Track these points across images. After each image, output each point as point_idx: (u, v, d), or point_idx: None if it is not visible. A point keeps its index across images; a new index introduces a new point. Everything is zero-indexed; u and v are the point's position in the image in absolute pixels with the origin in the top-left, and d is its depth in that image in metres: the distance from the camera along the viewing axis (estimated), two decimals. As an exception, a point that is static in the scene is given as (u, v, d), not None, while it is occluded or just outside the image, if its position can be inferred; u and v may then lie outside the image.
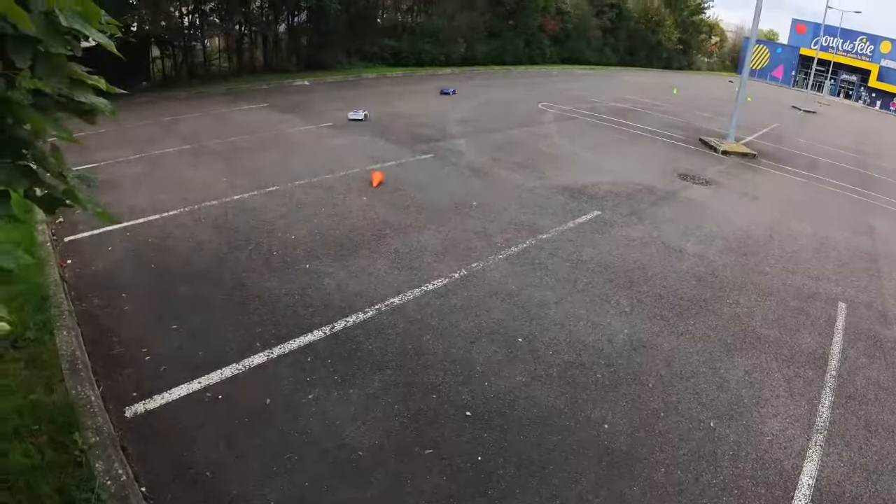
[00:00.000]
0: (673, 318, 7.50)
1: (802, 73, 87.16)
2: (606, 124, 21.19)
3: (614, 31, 58.08)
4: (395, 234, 8.57)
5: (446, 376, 5.54)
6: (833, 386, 6.77)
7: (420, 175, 11.60)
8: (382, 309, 6.51)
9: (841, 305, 8.98)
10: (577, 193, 11.82)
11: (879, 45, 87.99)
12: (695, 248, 10.04)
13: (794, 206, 14.53)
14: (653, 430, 5.35)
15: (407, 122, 16.33)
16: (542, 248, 8.83)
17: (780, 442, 5.58)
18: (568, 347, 6.36)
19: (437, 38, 32.89)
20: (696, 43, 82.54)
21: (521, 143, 15.80)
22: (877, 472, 5.49)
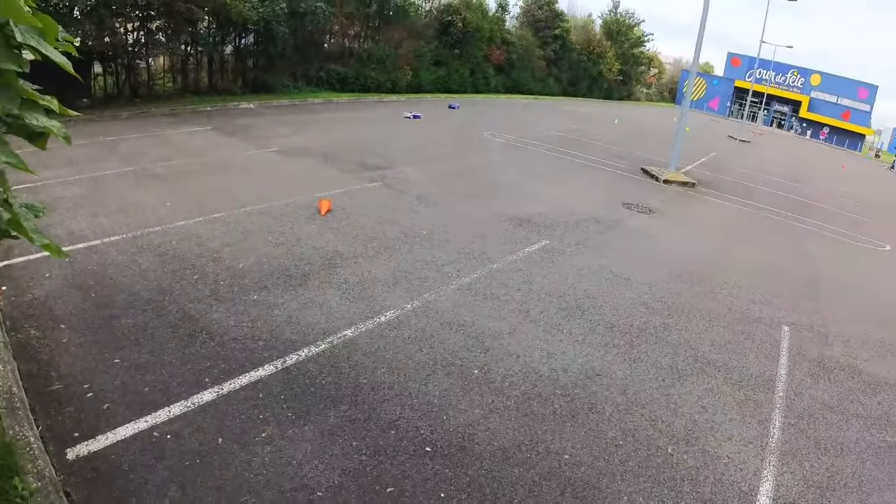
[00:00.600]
0: (625, 346, 7.59)
1: (737, 104, 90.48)
2: (551, 153, 21.48)
3: (557, 61, 59.11)
4: (345, 263, 8.43)
5: (403, 411, 5.43)
6: (782, 407, 7.00)
7: (368, 203, 11.49)
8: (335, 342, 6.37)
9: (784, 329, 9.34)
10: (525, 223, 11.90)
11: (810, 78, 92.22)
12: (642, 277, 10.21)
13: (734, 233, 14.95)
14: (612, 458, 5.38)
15: (354, 149, 16.20)
16: (493, 277, 8.82)
17: (736, 464, 5.72)
18: (524, 378, 6.34)
19: (384, 64, 32.97)
20: (635, 74, 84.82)
21: (469, 171, 15.89)
22: (829, 489, 5.69)
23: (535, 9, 57.16)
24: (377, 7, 32.58)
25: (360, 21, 33.02)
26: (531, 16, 56.78)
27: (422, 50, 36.61)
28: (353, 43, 33.56)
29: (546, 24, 57.04)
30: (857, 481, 5.92)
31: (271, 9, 23.11)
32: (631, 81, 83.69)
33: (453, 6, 40.36)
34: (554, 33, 57.59)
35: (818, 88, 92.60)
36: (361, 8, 31.87)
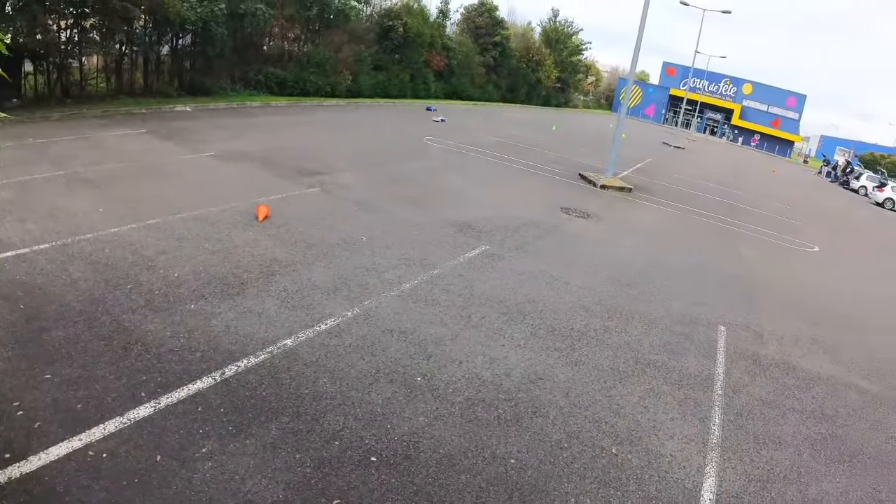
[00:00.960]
0: (566, 349, 7.67)
1: (672, 112, 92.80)
2: (490, 159, 21.62)
3: (497, 68, 59.58)
4: (284, 271, 8.29)
5: (347, 420, 5.35)
6: (721, 405, 7.21)
7: (307, 209, 11.34)
8: (275, 352, 6.24)
9: (721, 328, 9.63)
10: (465, 228, 11.93)
11: (742, 87, 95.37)
12: (581, 280, 10.34)
13: (670, 236, 15.29)
14: (558, 461, 5.42)
15: (292, 154, 15.99)
16: (434, 283, 8.81)
17: (679, 462, 5.85)
18: (467, 384, 6.33)
19: (324, 68, 32.65)
20: (573, 82, 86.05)
21: (408, 177, 15.85)
22: (770, 481, 5.90)
23: (476, 16, 57.55)
24: (318, 10, 32.30)
25: (300, 24, 32.67)
26: (472, 22, 57.14)
27: (362, 54, 36.42)
28: (292, 46, 33.19)
29: (486, 31, 57.48)
30: (796, 473, 6.19)
31: (210, 9, 22.66)
32: (569, 89, 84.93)
33: (394, 11, 40.33)
34: (494, 40, 58.07)
35: (750, 97, 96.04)
36: (302, 10, 31.53)
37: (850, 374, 9.24)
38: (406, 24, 39.55)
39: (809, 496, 5.87)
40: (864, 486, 6.32)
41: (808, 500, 5.80)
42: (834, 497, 5.99)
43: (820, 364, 9.29)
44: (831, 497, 5.98)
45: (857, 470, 6.63)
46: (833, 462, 6.63)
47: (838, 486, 6.19)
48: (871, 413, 8.16)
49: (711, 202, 23.63)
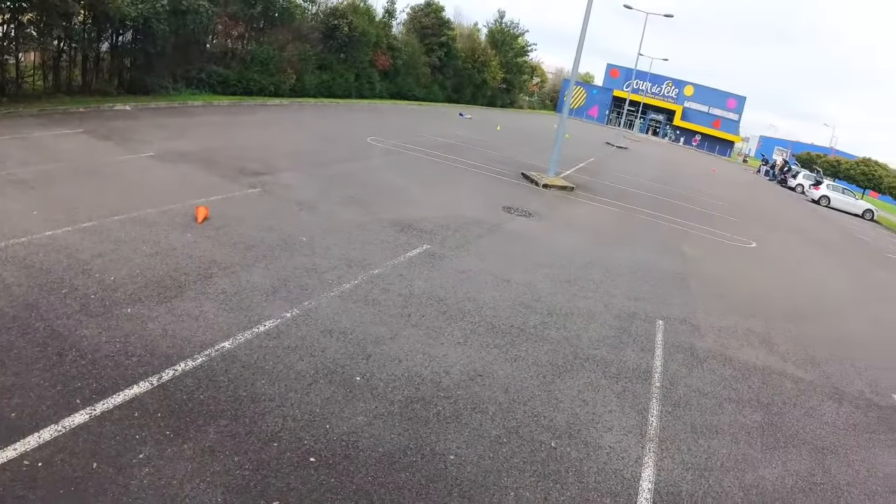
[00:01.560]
0: (506, 345, 7.80)
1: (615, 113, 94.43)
2: (434, 159, 21.69)
3: (443, 68, 59.68)
4: (223, 273, 8.22)
5: (285, 422, 5.35)
6: (659, 396, 7.45)
7: (247, 210, 11.23)
8: (213, 354, 6.19)
9: (659, 322, 9.94)
10: (407, 227, 11.99)
11: (683, 89, 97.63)
12: (521, 278, 10.50)
13: (611, 234, 15.61)
14: (497, 456, 5.51)
15: (234, 155, 15.77)
16: (374, 283, 8.84)
17: (617, 453, 6.02)
18: (407, 382, 6.39)
19: (267, 67, 32.20)
20: (518, 83, 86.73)
21: (350, 177, 15.80)
22: (707, 469, 6.13)
23: (423, 16, 57.53)
24: (262, 8, 31.84)
25: (244, 22, 32.13)
26: (418, 23, 57.08)
27: (307, 53, 36.03)
28: (236, 44, 32.59)
29: (432, 32, 57.54)
30: (733, 461, 6.46)
31: (152, 5, 22.11)
32: (514, 89, 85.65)
33: (340, 10, 39.98)
34: (440, 41, 58.18)
35: (691, 99, 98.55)
36: (246, 8, 31.07)
37: (785, 364, 9.66)
38: (352, 24, 39.27)
39: (746, 482, 6.13)
40: (799, 471, 6.64)
41: (746, 487, 6.05)
42: (770, 482, 6.27)
43: (756, 355, 9.70)
44: (768, 482, 6.25)
45: (793, 455, 6.95)
46: (769, 449, 6.94)
47: (775, 472, 6.48)
48: (805, 400, 8.57)
49: (652, 200, 24.15)
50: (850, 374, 10.08)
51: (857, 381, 9.93)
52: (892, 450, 7.89)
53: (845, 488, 6.60)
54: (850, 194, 49.74)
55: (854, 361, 10.77)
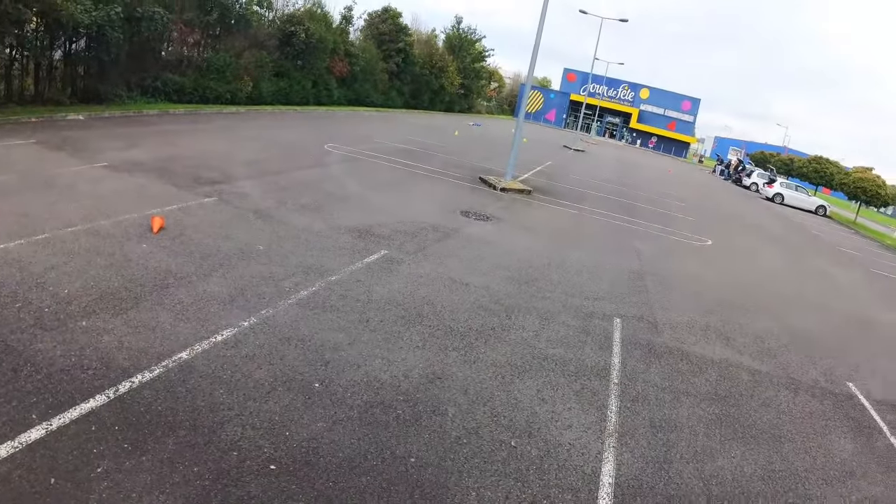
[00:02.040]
0: (464, 347, 7.88)
1: (573, 116, 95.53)
2: (392, 165, 21.73)
3: (400, 74, 59.76)
4: (179, 283, 8.16)
5: (245, 430, 5.35)
6: (617, 393, 7.61)
7: (204, 219, 11.15)
8: (170, 365, 6.14)
9: (616, 321, 10.11)
10: (365, 233, 12.01)
11: (639, 92, 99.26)
12: (479, 281, 10.60)
13: (568, 236, 15.79)
14: (458, 457, 5.58)
15: (189, 164, 15.61)
16: (331, 290, 8.85)
17: (577, 449, 6.14)
18: (366, 387, 6.42)
19: (224, 75, 31.87)
20: (476, 88, 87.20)
21: (308, 184, 15.75)
22: (667, 462, 6.29)
23: (380, 22, 57.55)
24: (218, 14, 31.54)
25: (199, 28, 31.77)
26: (375, 29, 57.07)
27: (263, 60, 35.76)
28: (192, 51, 32.20)
29: (390, 38, 57.58)
30: (692, 452, 6.65)
31: (106, 13, 21.78)
32: (472, 95, 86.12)
33: (297, 16, 39.78)
34: (398, 47, 58.27)
35: (647, 102, 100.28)
36: (202, 15, 30.74)
37: (741, 357, 9.94)
38: (308, 30, 39.07)
39: (706, 473, 6.32)
40: (757, 460, 6.87)
41: (705, 477, 6.24)
42: (729, 472, 6.48)
43: (712, 349, 9.96)
44: (727, 472, 6.46)
45: (751, 445, 7.19)
46: (728, 440, 7.16)
47: (733, 462, 6.70)
48: (762, 392, 8.86)
49: (609, 202, 24.48)
50: (805, 365, 10.42)
51: (812, 370, 10.27)
52: (847, 436, 8.21)
53: (803, 475, 6.86)
54: (802, 191, 51.12)
55: (809, 352, 11.14)
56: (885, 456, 7.95)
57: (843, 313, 15.49)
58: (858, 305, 17.15)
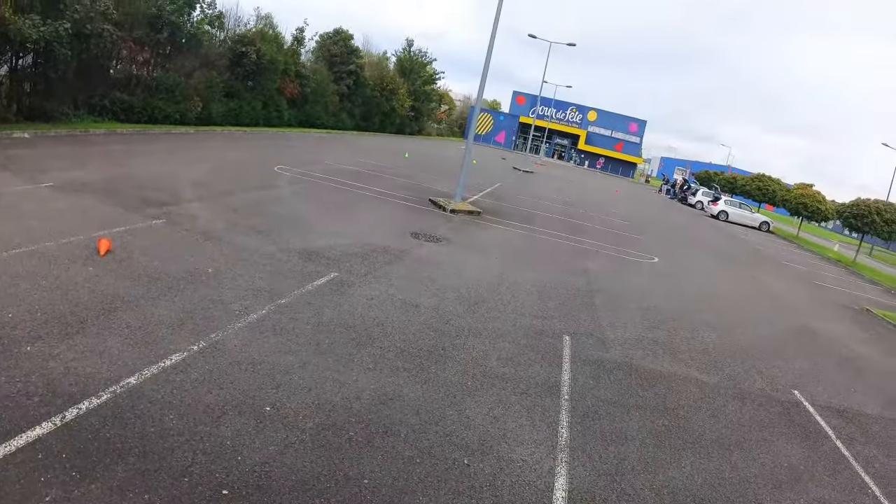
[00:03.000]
0: (415, 368, 7.95)
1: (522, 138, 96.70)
2: (342, 187, 21.72)
3: (351, 96, 59.85)
4: (127, 307, 8.04)
5: (196, 456, 5.30)
6: (568, 408, 7.75)
7: (152, 242, 10.98)
8: (118, 391, 6.04)
9: (566, 338, 10.29)
10: (315, 256, 12.00)
11: (587, 114, 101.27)
12: (429, 302, 10.69)
13: (518, 256, 15.99)
14: (411, 477, 5.63)
15: (138, 184, 15.37)
16: (282, 313, 8.83)
17: (530, 465, 6.24)
18: (317, 410, 6.43)
19: (173, 94, 31.45)
20: (427, 110, 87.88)
21: (257, 206, 15.65)
22: (619, 474, 6.45)
23: (331, 44, 57.66)
24: (169, 33, 31.12)
25: (149, 47, 31.32)
26: (327, 51, 57.16)
27: (214, 80, 35.45)
28: (141, 70, 31.69)
29: (341, 60, 57.75)
30: (643, 464, 6.84)
31: (54, 28, 21.31)
32: (423, 117, 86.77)
33: (248, 37, 39.57)
34: (349, 69, 58.47)
35: (595, 123, 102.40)
36: (152, 33, 30.30)
37: (688, 370, 10.24)
38: (260, 51, 38.92)
39: (657, 483, 6.51)
40: (708, 469, 7.12)
41: (657, 488, 6.42)
42: (680, 482, 6.69)
43: (661, 363, 10.24)
44: (678, 482, 6.67)
45: (701, 455, 7.43)
46: (677, 450, 7.39)
47: (684, 472, 6.92)
48: (709, 403, 9.16)
49: (558, 222, 24.85)
50: (751, 375, 10.82)
51: (759, 380, 10.66)
52: (794, 441, 8.58)
53: (752, 481, 7.14)
54: (746, 208, 52.78)
55: (755, 363, 11.59)
56: (831, 459, 8.36)
57: (786, 324, 16.06)
58: (801, 316, 17.79)
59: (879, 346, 16.51)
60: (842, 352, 14.52)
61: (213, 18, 35.61)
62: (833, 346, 14.95)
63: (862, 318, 20.54)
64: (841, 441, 9.02)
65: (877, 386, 12.42)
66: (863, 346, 15.73)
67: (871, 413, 10.63)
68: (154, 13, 30.12)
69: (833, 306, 21.43)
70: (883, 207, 37.98)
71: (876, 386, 12.40)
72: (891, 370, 14.19)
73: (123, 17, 27.39)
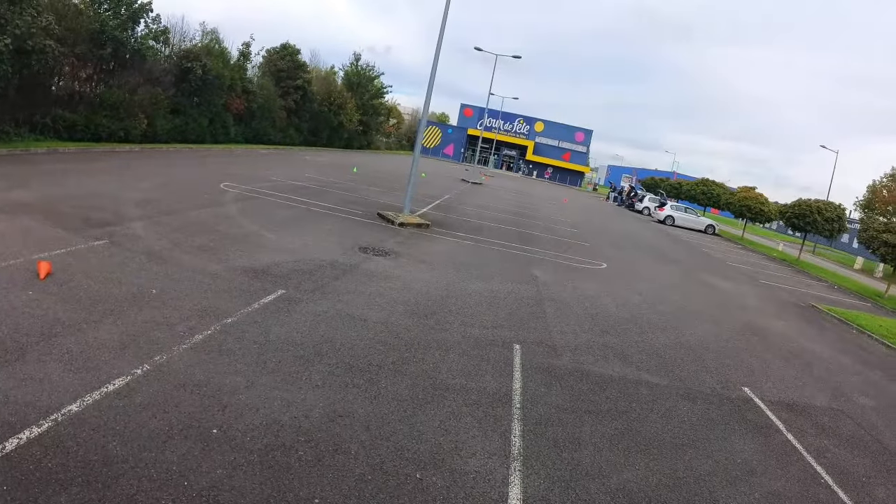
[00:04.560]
0: (365, 384, 7.91)
1: (470, 150, 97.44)
2: (290, 203, 21.59)
3: (299, 111, 59.65)
4: (68, 331, 7.84)
5: (141, 483, 5.19)
6: (520, 417, 7.80)
7: (93, 263, 10.72)
8: (59, 419, 5.89)
9: (516, 347, 10.38)
10: (261, 273, 11.89)
11: (534, 125, 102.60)
12: (378, 316, 10.68)
13: (467, 267, 16.04)
14: (363, 494, 5.61)
15: (80, 204, 15.03)
16: (228, 332, 8.73)
17: (483, 476, 6.27)
18: (265, 430, 6.37)
19: (118, 112, 30.95)
20: (375, 124, 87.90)
21: (203, 224, 15.42)
22: (573, 480, 6.54)
23: (278, 59, 57.44)
24: (113, 49, 30.70)
25: (93, 63, 30.85)
26: (273, 65, 56.90)
27: (159, 97, 34.95)
28: (84, 87, 31.14)
29: (288, 75, 57.59)
30: (597, 468, 6.93)
31: None
32: (371, 131, 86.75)
33: (194, 52, 39.20)
34: (296, 83, 58.29)
35: (542, 134, 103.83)
36: (95, 49, 29.86)
37: (639, 372, 10.45)
38: (206, 66, 38.55)
39: (612, 487, 6.61)
40: (662, 469, 7.26)
41: (612, 491, 6.53)
42: (635, 483, 6.81)
43: (611, 367, 10.41)
44: (632, 484, 6.78)
45: (654, 456, 7.58)
46: (631, 453, 7.52)
47: (638, 474, 7.04)
48: (662, 404, 9.35)
49: (507, 232, 25.04)
50: (701, 375, 11.07)
51: (709, 379, 10.91)
52: (746, 437, 8.83)
53: (707, 478, 7.32)
54: (692, 212, 54.15)
55: (705, 362, 11.87)
56: (783, 452, 8.66)
57: (735, 323, 16.46)
58: (749, 314, 18.27)
59: (825, 340, 17.10)
60: (790, 347, 14.96)
61: (158, 33, 35.17)
62: (781, 342, 15.38)
63: (808, 314, 21.24)
64: (792, 434, 9.33)
65: (824, 379, 12.83)
66: (810, 342, 16.24)
67: (820, 405, 10.99)
68: (97, 28, 29.69)
69: (779, 304, 22.05)
70: (823, 207, 39.41)
71: (823, 379, 12.81)
72: (837, 363, 14.65)
73: (66, 32, 26.97)
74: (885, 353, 17.18)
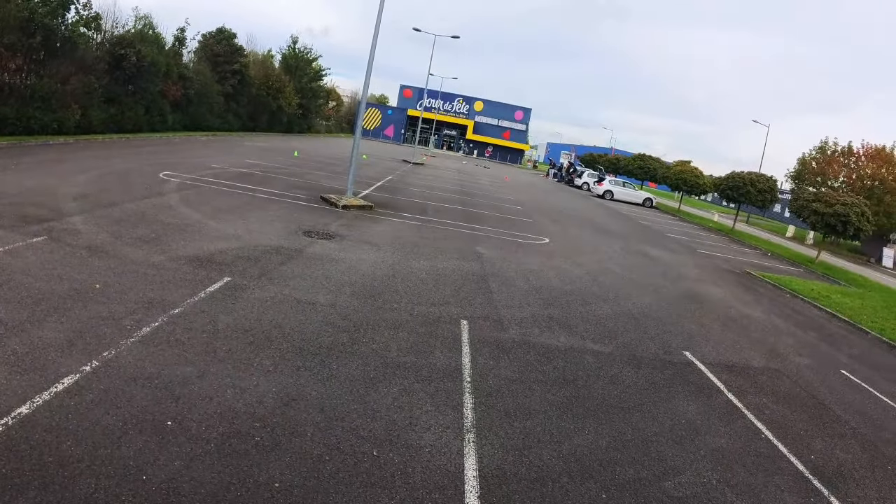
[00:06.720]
0: (316, 366, 8.03)
1: (411, 131, 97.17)
2: (230, 190, 21.37)
3: (237, 97, 58.52)
4: (11, 332, 7.65)
5: (99, 481, 5.17)
6: (471, 390, 8.04)
7: (33, 261, 10.46)
8: (9, 423, 5.78)
9: (463, 323, 10.63)
10: (206, 262, 11.83)
11: (474, 105, 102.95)
12: (326, 299, 10.77)
13: (411, 247, 16.22)
14: (322, 475, 5.72)
15: (14, 201, 14.58)
16: (175, 323, 8.69)
17: (438, 449, 6.47)
18: (220, 419, 6.41)
19: (50, 103, 29.86)
20: (315, 107, 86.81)
21: (143, 216, 15.15)
22: (526, 447, 6.80)
23: (214, 43, 56.31)
24: (42, 37, 29.53)
25: (22, 53, 29.56)
26: (210, 50, 55.78)
27: (92, 86, 33.78)
28: (14, 78, 29.80)
29: (225, 59, 56.54)
30: (549, 435, 7.22)
31: None
32: (311, 114, 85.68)
33: (127, 38, 38.01)
34: (233, 68, 57.32)
35: (481, 113, 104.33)
36: (24, 38, 28.67)
37: (584, 342, 10.81)
38: (140, 53, 37.39)
39: (564, 452, 6.91)
40: (610, 433, 7.61)
41: (564, 456, 6.82)
42: (586, 447, 7.13)
43: (557, 338, 10.75)
44: (583, 448, 7.10)
45: (603, 420, 7.93)
46: (580, 418, 7.84)
47: (588, 438, 7.36)
48: (607, 371, 9.74)
49: (449, 211, 25.26)
50: (644, 342, 11.53)
51: (652, 345, 11.36)
52: (688, 398, 9.29)
53: (654, 439, 7.71)
54: (630, 187, 55.40)
55: (646, 330, 12.34)
56: (725, 411, 9.14)
57: (674, 291, 17.06)
58: (688, 282, 18.95)
59: (761, 304, 17.86)
60: (727, 312, 15.58)
61: (90, 20, 34.01)
62: (719, 308, 15.99)
63: (744, 280, 22.10)
64: (733, 394, 9.83)
65: (761, 340, 13.42)
66: (746, 307, 16.90)
67: (758, 366, 11.54)
68: (26, 16, 28.54)
69: (716, 271, 22.85)
70: (756, 178, 40.69)
71: (760, 340, 13.40)
72: (772, 325, 15.33)
73: (-7, 22, 25.93)
74: (817, 315, 18.00)
